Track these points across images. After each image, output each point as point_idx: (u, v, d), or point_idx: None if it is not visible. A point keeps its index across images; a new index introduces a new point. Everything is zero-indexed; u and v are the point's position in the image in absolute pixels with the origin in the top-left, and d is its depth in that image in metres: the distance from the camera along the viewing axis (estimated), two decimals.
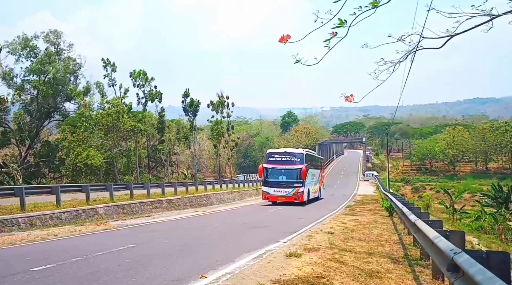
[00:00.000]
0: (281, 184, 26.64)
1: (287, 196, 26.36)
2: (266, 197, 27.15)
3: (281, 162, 26.95)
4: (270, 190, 26.87)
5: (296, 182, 26.44)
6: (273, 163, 27.15)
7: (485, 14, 6.41)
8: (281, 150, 29.28)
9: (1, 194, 16.66)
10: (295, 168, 26.52)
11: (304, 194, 26.56)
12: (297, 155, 27.33)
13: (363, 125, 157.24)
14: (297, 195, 26.28)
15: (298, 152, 28.31)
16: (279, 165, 26.95)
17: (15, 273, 7.09)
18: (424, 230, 7.38)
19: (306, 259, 8.48)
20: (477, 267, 3.84)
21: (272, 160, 27.25)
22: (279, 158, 27.15)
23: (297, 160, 26.79)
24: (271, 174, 27.05)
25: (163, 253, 9.37)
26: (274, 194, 26.67)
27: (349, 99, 7.51)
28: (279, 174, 26.89)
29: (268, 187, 27.00)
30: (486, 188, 53.48)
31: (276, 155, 27.49)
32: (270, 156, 27.59)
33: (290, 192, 26.35)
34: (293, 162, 26.77)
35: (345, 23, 6.20)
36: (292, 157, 27.02)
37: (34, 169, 48.26)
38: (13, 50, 46.11)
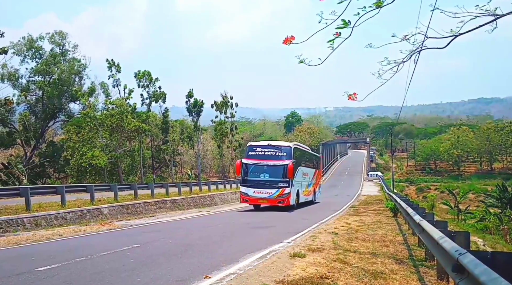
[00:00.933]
0: (262, 184, 22.26)
1: (269, 198, 22.11)
2: (245, 199, 22.86)
3: (264, 157, 22.55)
4: (249, 191, 22.42)
5: (280, 181, 22.07)
6: (253, 157, 22.75)
7: (489, 14, 6.40)
8: (264, 142, 24.84)
9: (7, 194, 16.76)
10: (280, 164, 22.17)
11: (291, 196, 22.22)
12: (283, 148, 23.03)
13: (367, 125, 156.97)
14: (281, 197, 21.91)
15: (285, 145, 24.07)
16: (261, 160, 22.51)
17: (20, 273, 7.12)
18: (429, 230, 7.36)
19: (310, 260, 8.47)
20: (482, 268, 3.83)
21: (252, 154, 22.86)
22: (261, 151, 22.74)
23: (283, 154, 22.47)
24: (251, 171, 22.73)
25: (167, 253, 9.39)
26: (254, 196, 22.32)
27: (352, 97, 7.51)
28: (260, 171, 22.52)
29: (247, 187, 22.54)
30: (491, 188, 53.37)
31: (258, 148, 23.07)
32: (250, 150, 23.14)
33: (274, 193, 21.98)
34: (278, 157, 22.45)
35: (349, 24, 6.20)
36: (277, 151, 22.67)
37: (39, 169, 48.45)
38: (18, 51, 46.33)
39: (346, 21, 6.19)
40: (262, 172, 22.52)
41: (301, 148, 27.74)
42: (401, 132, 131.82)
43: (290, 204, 22.40)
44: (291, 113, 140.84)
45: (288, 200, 22.08)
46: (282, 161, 22.22)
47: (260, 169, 22.60)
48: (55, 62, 47.71)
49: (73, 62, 49.22)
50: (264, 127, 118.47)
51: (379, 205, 28.54)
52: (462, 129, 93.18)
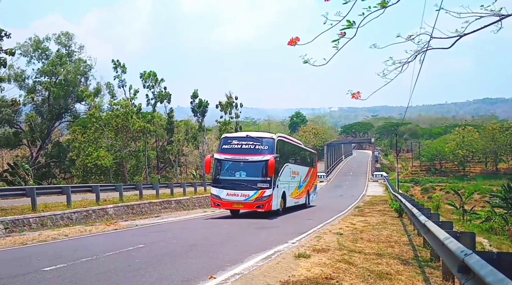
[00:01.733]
0: (238, 184, 18.24)
1: (246, 202, 18.09)
2: (216, 202, 18.70)
3: (240, 151, 18.64)
4: (222, 193, 18.31)
5: (260, 180, 18.08)
6: (228, 152, 18.81)
7: (494, 14, 6.39)
8: (242, 134, 21.55)
9: (13, 194, 16.89)
10: (259, 159, 18.16)
11: (272, 199, 18.13)
12: (264, 140, 18.94)
13: (372, 125, 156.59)
14: (260, 199, 17.89)
15: (266, 136, 19.81)
16: (237, 154, 18.56)
17: (26, 273, 7.16)
18: (434, 231, 7.34)
19: (315, 260, 8.47)
20: (488, 269, 3.82)
21: (227, 147, 19.01)
22: (237, 144, 18.98)
23: (264, 147, 18.55)
24: (224, 169, 18.86)
25: (172, 253, 9.42)
26: (228, 199, 18.23)
27: (356, 96, 7.52)
28: (236, 168, 18.61)
29: (220, 188, 18.46)
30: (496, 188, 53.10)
31: (233, 140, 19.38)
32: (225, 142, 19.40)
33: (251, 195, 17.94)
34: (257, 151, 18.50)
35: (354, 24, 6.21)
36: (257, 144, 18.74)
37: (45, 169, 48.71)
38: (25, 52, 46.66)
39: (351, 22, 6.20)
40: (238, 169, 18.56)
41: (289, 141, 23.20)
42: (406, 132, 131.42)
43: (272, 208, 18.34)
44: (296, 114, 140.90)
45: (269, 203, 18.00)
46: (262, 156, 18.14)
47: (235, 166, 18.64)
48: (61, 63, 47.99)
49: (79, 63, 49.48)
50: (269, 127, 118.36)
51: (384, 206, 28.47)
52: (467, 130, 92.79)
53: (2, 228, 13.41)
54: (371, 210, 24.60)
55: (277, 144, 18.97)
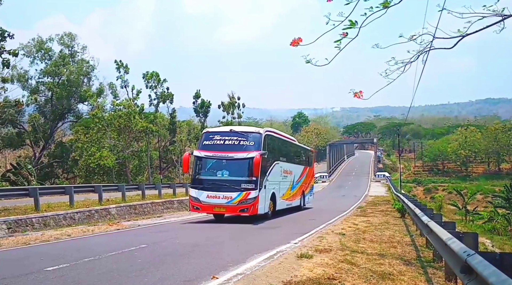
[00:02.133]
0: (219, 185, 16.28)
1: (228, 205, 15.98)
2: (195, 206, 16.61)
3: (223, 147, 16.65)
4: (201, 195, 16.30)
5: (244, 180, 16.09)
6: (209, 148, 16.87)
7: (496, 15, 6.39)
8: (225, 128, 19.76)
9: (16, 194, 16.94)
10: (243, 156, 16.16)
11: (258, 202, 16.09)
12: (249, 135, 17.00)
13: (374, 125, 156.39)
14: (245, 202, 15.87)
15: (252, 130, 17.97)
16: (219, 151, 16.60)
17: (29, 273, 7.18)
18: (437, 231, 7.34)
19: (317, 260, 8.47)
20: (491, 269, 3.82)
21: (208, 144, 17.04)
22: (220, 140, 17.00)
23: (249, 143, 16.62)
24: (204, 168, 17.01)
25: (175, 253, 9.43)
26: (208, 202, 16.17)
27: (358, 95, 7.52)
28: (217, 167, 16.71)
29: (199, 189, 16.49)
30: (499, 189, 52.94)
31: (216, 136, 17.29)
32: (206, 138, 17.35)
33: (234, 197, 15.90)
34: (241, 147, 16.51)
35: (356, 24, 6.22)
36: (242, 139, 16.80)
37: (48, 169, 48.85)
38: (28, 53, 46.86)
39: (353, 22, 6.21)
40: (220, 168, 16.63)
41: (280, 137, 20.80)
42: (408, 132, 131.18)
43: (258, 212, 16.34)
44: (298, 114, 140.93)
45: (254, 206, 15.95)
46: (247, 152, 16.15)
47: (217, 164, 16.78)
48: (64, 63, 48.14)
49: (82, 64, 49.61)
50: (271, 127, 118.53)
51: (387, 206, 28.44)
52: (469, 130, 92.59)
53: (5, 228, 13.45)
54: (373, 210, 24.58)
55: (265, 140, 16.99)
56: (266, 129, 18.56)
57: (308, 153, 27.83)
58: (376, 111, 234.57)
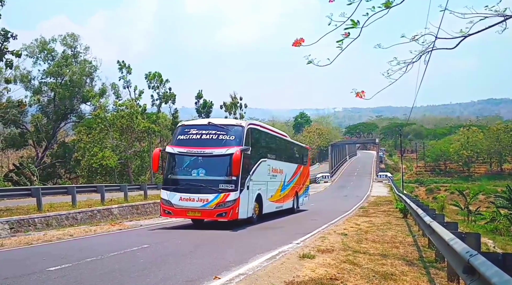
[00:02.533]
0: (194, 185, 14.24)
1: (203, 209, 13.91)
2: (167, 209, 14.49)
3: (199, 142, 14.62)
4: (174, 197, 14.23)
5: (222, 180, 14.11)
6: (184, 144, 14.82)
7: (498, 15, 6.38)
8: (203, 121, 17.19)
9: (19, 194, 17.00)
10: (222, 152, 14.11)
11: (239, 205, 14.04)
12: (230, 129, 14.99)
13: (376, 126, 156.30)
14: (223, 205, 13.80)
15: (233, 123, 15.97)
16: (195, 147, 14.57)
17: (32, 273, 7.20)
18: (439, 231, 7.33)
19: (319, 261, 8.47)
20: (493, 270, 3.81)
21: (183, 138, 15.01)
22: (196, 134, 14.92)
23: (229, 138, 14.62)
24: (178, 166, 15.07)
25: (177, 253, 9.44)
26: (180, 205, 14.10)
27: (360, 95, 7.53)
28: (193, 165, 14.73)
29: (171, 190, 14.44)
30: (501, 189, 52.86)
31: (192, 129, 15.22)
32: (181, 132, 15.33)
33: (211, 199, 13.84)
34: (220, 142, 14.51)
35: (358, 24, 6.22)
36: (221, 133, 14.76)
37: (50, 169, 48.94)
38: (31, 53, 47.00)
39: (355, 21, 6.21)
40: (196, 166, 14.63)
41: (267, 131, 18.45)
42: (410, 133, 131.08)
43: (239, 217, 14.28)
44: (300, 114, 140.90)
45: (234, 210, 13.91)
46: (226, 148, 14.13)
47: (191, 162, 14.82)
48: (67, 64, 48.26)
49: (85, 64, 49.72)
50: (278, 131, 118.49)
51: (389, 206, 28.41)
52: (471, 130, 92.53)
53: (8, 228, 13.48)
54: (375, 211, 24.55)
55: (248, 134, 14.91)
56: (250, 122, 16.37)
57: (302, 150, 25.72)
58: (378, 111, 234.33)
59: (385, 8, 6.20)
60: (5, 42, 23.15)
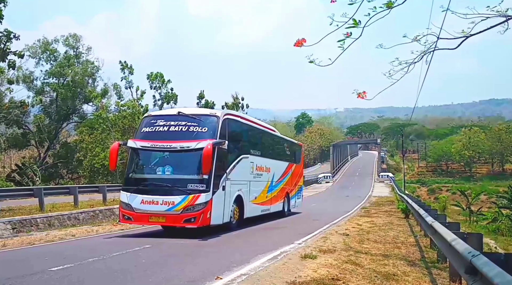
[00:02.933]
0: (158, 186, 12.34)
1: (168, 213, 11.85)
2: (126, 214, 12.34)
3: (167, 135, 12.73)
4: (134, 200, 12.16)
5: (191, 179, 12.12)
6: (148, 137, 12.88)
7: (500, 15, 6.38)
8: (172, 111, 14.90)
9: (21, 194, 17.04)
10: (190, 147, 12.12)
11: (211, 207, 11.91)
12: (202, 119, 12.87)
13: (378, 126, 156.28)
14: (191, 209, 11.73)
15: (206, 113, 13.59)
16: (161, 140, 12.63)
17: (34, 273, 7.21)
18: (441, 232, 7.32)
19: (321, 261, 8.46)
20: (496, 270, 3.81)
21: (149, 131, 13.10)
22: (164, 126, 13.02)
23: (202, 130, 12.57)
24: (141, 163, 13.23)
25: (179, 253, 9.46)
26: (142, 209, 12.03)
27: (362, 95, 7.52)
28: (158, 161, 12.83)
29: (132, 192, 12.36)
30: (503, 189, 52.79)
31: (159, 120, 13.29)
32: (147, 124, 13.40)
33: (177, 202, 11.80)
34: (191, 135, 12.48)
35: (359, 24, 6.22)
36: (192, 125, 12.74)
37: (53, 169, 49.02)
38: (33, 54, 47.13)
39: (356, 21, 6.21)
40: (161, 163, 12.69)
41: (249, 124, 16.32)
42: (412, 133, 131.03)
43: (212, 222, 12.08)
44: (302, 115, 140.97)
45: (204, 215, 11.72)
46: (197, 141, 12.04)
47: (157, 158, 12.88)
48: (69, 64, 48.39)
49: (87, 65, 49.83)
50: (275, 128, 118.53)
51: (391, 206, 28.39)
52: (473, 130, 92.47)
53: (10, 228, 13.52)
54: (377, 211, 24.53)
55: (224, 125, 12.86)
56: (227, 112, 14.01)
57: (294, 147, 23.40)
58: (379, 112, 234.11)
59: (387, 8, 6.20)
60: (7, 43, 23.16)
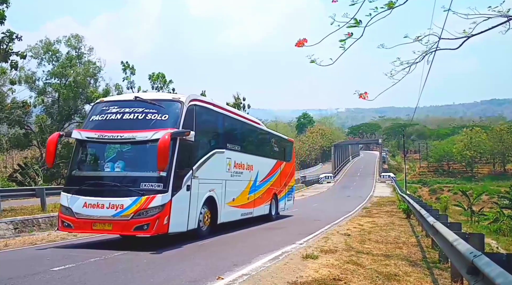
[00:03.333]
0: (105, 185, 10.30)
1: (115, 219, 9.70)
2: (66, 221, 10.17)
3: (120, 124, 10.55)
4: (76, 202, 10.03)
5: (145, 177, 10.08)
6: (97, 126, 10.78)
7: (502, 15, 6.38)
8: (129, 96, 12.47)
9: (23, 194, 17.07)
10: (147, 138, 10.11)
11: (170, 211, 9.82)
12: (163, 106, 10.66)
13: (379, 126, 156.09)
14: (144, 214, 9.60)
15: (168, 98, 11.50)
16: (112, 130, 10.46)
17: (36, 273, 7.21)
18: (443, 232, 7.32)
19: (323, 261, 8.46)
20: (498, 270, 3.81)
21: (98, 119, 10.92)
22: (116, 113, 10.78)
23: (162, 117, 10.43)
24: (86, 158, 11.20)
25: (180, 253, 9.46)
26: (84, 214, 9.91)
27: (363, 96, 7.53)
28: (107, 156, 10.92)
29: (73, 193, 10.24)
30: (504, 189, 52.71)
31: (112, 107, 10.98)
32: (98, 111, 11.15)
33: (126, 206, 9.66)
34: (148, 124, 10.39)
35: (360, 23, 6.22)
36: (151, 111, 10.54)
37: (54, 170, 49.05)
38: (35, 54, 47.20)
39: (357, 20, 6.21)
40: (111, 157, 10.72)
41: (224, 112, 14.12)
42: (413, 133, 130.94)
43: (170, 230, 9.95)
44: (303, 115, 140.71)
45: (160, 220, 9.62)
46: (154, 131, 9.96)
47: (105, 152, 10.89)
48: (71, 65, 48.45)
49: (89, 65, 49.89)
50: (276, 128, 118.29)
51: (392, 207, 28.36)
52: (475, 131, 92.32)
53: (12, 228, 13.53)
54: (378, 211, 24.52)
55: (190, 113, 10.73)
56: (194, 97, 11.48)
57: (284, 143, 20.85)
58: (381, 112, 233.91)
59: (388, 8, 6.20)
60: (10, 43, 23.20)
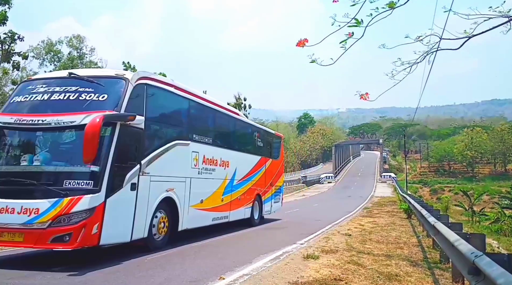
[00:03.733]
0: (18, 183, 7.65)
1: (27, 227, 7.23)
2: None
3: (44, 106, 8.18)
4: None
5: (70, 172, 7.65)
6: (17, 109, 8.39)
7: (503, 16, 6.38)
8: (61, 73, 9.56)
9: None
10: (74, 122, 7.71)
11: (103, 217, 7.54)
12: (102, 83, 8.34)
13: (380, 126, 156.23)
14: (65, 221, 7.23)
15: (109, 74, 8.76)
16: (33, 114, 8.03)
17: (37, 273, 7.21)
18: (444, 232, 7.32)
19: (323, 261, 8.46)
20: (499, 271, 3.81)
21: (21, 100, 8.54)
22: (44, 93, 8.38)
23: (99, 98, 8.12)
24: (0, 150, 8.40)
25: (181, 253, 9.45)
26: None
27: (364, 97, 7.52)
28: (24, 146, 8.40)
29: None
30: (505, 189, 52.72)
31: (39, 86, 8.56)
32: (21, 91, 8.80)
33: (44, 210, 7.19)
34: (81, 105, 8.02)
35: (361, 23, 6.22)
36: (85, 91, 8.19)
37: None
38: (37, 55, 47.42)
39: (358, 20, 6.21)
40: (30, 148, 8.26)
41: (186, 95, 11.35)
42: (414, 133, 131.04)
43: (102, 241, 7.77)
44: (304, 115, 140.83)
45: (87, 229, 7.42)
46: (86, 114, 7.76)
47: (22, 140, 8.58)
48: (73, 65, 48.61)
49: (90, 65, 50.04)
50: (277, 128, 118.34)
51: (393, 207, 28.36)
52: (475, 131, 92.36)
53: None
54: (379, 211, 24.51)
55: (138, 93, 8.72)
56: (145, 75, 9.16)
57: (269, 137, 18.16)
58: (382, 112, 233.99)
59: (389, 8, 6.20)
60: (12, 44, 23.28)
